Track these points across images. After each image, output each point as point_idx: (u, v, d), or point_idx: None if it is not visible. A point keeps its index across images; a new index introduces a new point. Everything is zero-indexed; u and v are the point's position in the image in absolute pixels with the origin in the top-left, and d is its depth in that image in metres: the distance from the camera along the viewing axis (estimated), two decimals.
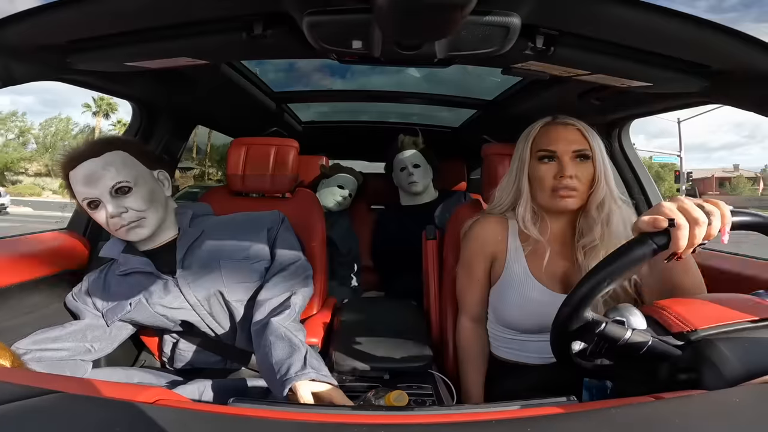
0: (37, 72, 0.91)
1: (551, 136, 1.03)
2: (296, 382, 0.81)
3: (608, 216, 0.99)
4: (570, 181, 0.99)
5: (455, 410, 0.71)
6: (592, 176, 1.01)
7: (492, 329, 1.16)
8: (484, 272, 1.13)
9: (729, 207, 0.64)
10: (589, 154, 1.01)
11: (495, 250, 1.11)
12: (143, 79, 1.29)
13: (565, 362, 0.73)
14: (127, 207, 1.01)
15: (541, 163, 1.03)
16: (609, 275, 0.64)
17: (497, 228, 1.13)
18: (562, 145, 1.00)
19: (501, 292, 1.09)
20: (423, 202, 2.14)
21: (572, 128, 1.03)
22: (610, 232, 0.98)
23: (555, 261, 1.06)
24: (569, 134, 1.02)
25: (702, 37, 0.75)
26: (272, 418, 0.49)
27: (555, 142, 1.01)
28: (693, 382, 0.57)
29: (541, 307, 1.01)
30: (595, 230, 1.00)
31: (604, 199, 1.00)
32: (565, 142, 1.01)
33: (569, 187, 0.99)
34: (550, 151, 1.01)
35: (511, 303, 1.06)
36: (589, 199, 1.02)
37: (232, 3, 0.75)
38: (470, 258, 1.14)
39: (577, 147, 1.00)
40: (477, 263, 1.13)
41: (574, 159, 1.00)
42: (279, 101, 2.09)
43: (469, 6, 0.55)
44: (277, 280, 1.09)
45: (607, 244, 0.98)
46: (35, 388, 0.46)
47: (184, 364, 1.15)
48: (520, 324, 1.06)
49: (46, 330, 1.02)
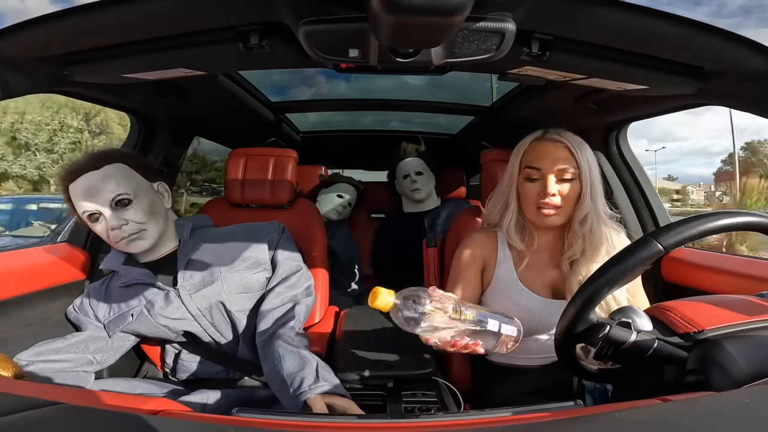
0: (34, 84, 0.91)
1: (539, 153, 1.04)
2: (310, 395, 0.81)
3: (590, 231, 1.01)
4: (553, 199, 1.00)
5: (461, 416, 0.71)
6: (578, 193, 1.02)
7: None
8: (474, 274, 1.13)
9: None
10: (575, 172, 1.01)
11: (486, 257, 1.13)
12: (141, 91, 1.29)
13: (570, 365, 0.72)
14: (128, 219, 1.01)
15: (528, 180, 1.04)
16: (613, 278, 0.64)
17: (488, 240, 1.14)
18: (548, 163, 1.01)
19: (490, 299, 1.10)
20: (426, 209, 2.15)
21: (560, 146, 1.03)
22: (593, 247, 1.01)
23: (543, 269, 1.08)
24: (557, 152, 1.02)
25: (694, 39, 0.75)
26: (277, 428, 0.48)
27: (541, 159, 1.02)
28: (700, 383, 0.56)
29: (529, 312, 1.03)
30: (577, 245, 1.03)
31: (588, 215, 1.02)
32: (551, 160, 1.01)
33: (551, 204, 1.01)
34: (535, 168, 1.03)
35: (500, 308, 1.06)
36: (573, 215, 1.04)
37: (228, 14, 0.76)
38: (464, 261, 1.14)
39: (562, 166, 1.01)
40: (469, 266, 1.13)
41: (559, 177, 1.01)
42: (277, 111, 2.10)
43: (464, 12, 0.55)
44: (280, 290, 1.09)
45: (588, 258, 1.01)
46: (38, 400, 0.46)
47: (187, 375, 1.15)
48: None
49: (47, 342, 1.01)
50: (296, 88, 2.07)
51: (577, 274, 1.01)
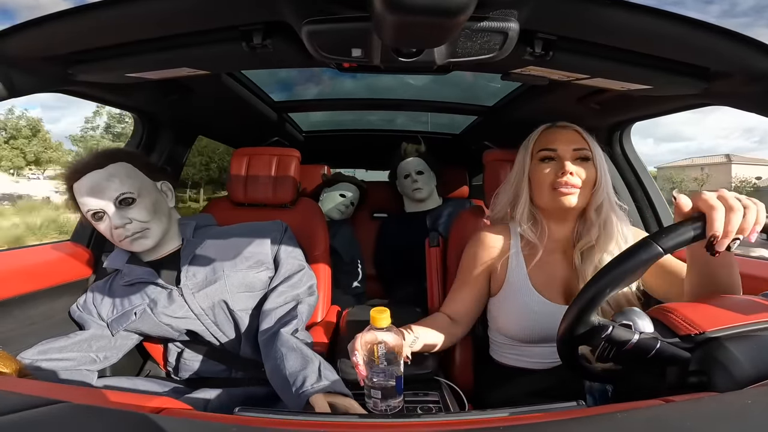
0: (38, 84, 0.91)
1: (552, 137, 1.04)
2: (313, 394, 0.81)
3: (605, 220, 1.01)
4: (571, 177, 0.99)
5: (463, 416, 0.71)
6: (594, 178, 1.01)
7: (492, 336, 1.15)
8: (480, 278, 1.12)
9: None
10: (590, 155, 1.01)
11: (496, 261, 1.10)
12: (144, 91, 1.30)
13: (573, 367, 0.72)
14: (131, 218, 1.02)
15: (543, 164, 1.04)
16: (614, 280, 0.63)
17: (499, 237, 1.12)
18: (563, 144, 1.02)
19: (501, 304, 1.09)
20: (428, 209, 2.14)
21: (572, 130, 1.04)
22: (607, 235, 1.00)
23: (555, 269, 1.06)
24: (569, 135, 1.03)
25: (699, 39, 0.75)
26: (279, 426, 0.48)
27: (556, 141, 1.03)
28: (703, 384, 0.56)
29: (541, 319, 1.02)
30: (592, 232, 1.01)
31: (603, 203, 1.01)
32: (565, 141, 1.02)
33: (570, 184, 0.99)
34: (551, 149, 1.03)
35: (511, 315, 1.06)
36: (590, 201, 1.02)
37: (231, 14, 0.76)
38: (468, 263, 1.13)
39: (578, 146, 1.02)
40: (474, 268, 1.12)
41: (575, 158, 1.01)
42: (280, 111, 2.10)
43: (467, 12, 0.55)
44: (282, 289, 1.09)
45: (602, 246, 1.00)
46: (41, 398, 0.46)
47: (190, 374, 1.15)
48: (519, 335, 1.06)
49: (51, 340, 1.02)
50: (300, 87, 2.06)
51: (592, 262, 1.00)
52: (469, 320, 1.12)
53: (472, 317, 1.13)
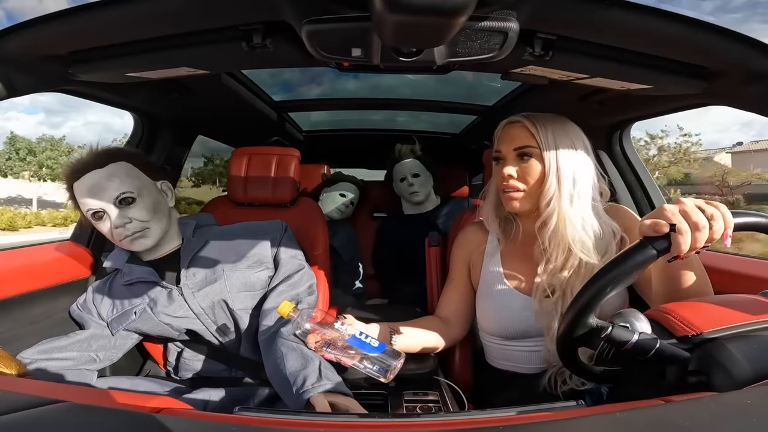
0: (38, 83, 0.91)
1: (499, 137, 1.02)
2: (313, 394, 0.81)
3: (549, 216, 0.94)
4: (512, 181, 0.97)
5: (462, 416, 0.71)
6: (540, 174, 0.95)
7: (482, 338, 1.15)
8: (461, 276, 1.12)
9: (729, 210, 0.64)
10: (533, 150, 0.96)
11: (473, 255, 1.11)
12: (144, 90, 1.30)
13: (573, 368, 0.72)
14: (131, 217, 1.02)
15: (496, 166, 1.03)
16: (610, 281, 0.63)
17: (477, 234, 1.13)
18: (505, 146, 0.99)
19: (479, 300, 1.09)
20: (426, 210, 2.14)
21: (519, 125, 0.99)
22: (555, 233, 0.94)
23: (528, 263, 1.03)
24: (513, 131, 0.99)
25: (699, 39, 0.75)
26: (279, 426, 0.49)
27: (501, 142, 1.01)
28: (702, 384, 0.56)
29: (517, 312, 1.00)
30: (543, 232, 0.96)
31: (551, 199, 0.94)
32: (507, 141, 0.99)
33: (510, 187, 0.98)
34: (497, 151, 1.01)
35: (489, 311, 1.06)
36: (539, 199, 0.96)
37: (231, 13, 0.76)
38: (452, 262, 1.15)
39: (518, 144, 0.97)
40: (456, 267, 1.14)
41: (517, 158, 0.98)
42: (280, 110, 2.10)
43: (467, 11, 0.55)
44: (282, 288, 1.09)
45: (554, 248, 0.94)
46: (42, 398, 0.46)
47: (190, 373, 1.15)
48: (498, 331, 1.05)
49: (51, 340, 1.02)
50: (300, 86, 2.07)
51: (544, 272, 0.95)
52: (460, 320, 1.12)
53: (463, 317, 1.12)
